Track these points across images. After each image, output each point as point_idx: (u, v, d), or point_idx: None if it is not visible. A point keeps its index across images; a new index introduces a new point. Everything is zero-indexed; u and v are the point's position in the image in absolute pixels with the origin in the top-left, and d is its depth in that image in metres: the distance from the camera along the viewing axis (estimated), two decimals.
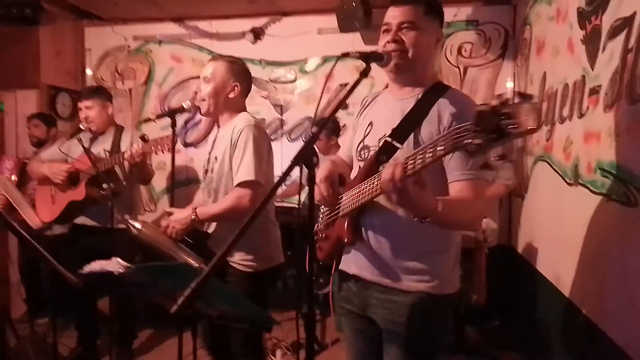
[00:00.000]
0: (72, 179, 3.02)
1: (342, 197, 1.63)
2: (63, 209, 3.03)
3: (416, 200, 1.27)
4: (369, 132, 1.66)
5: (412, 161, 1.23)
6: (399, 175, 1.23)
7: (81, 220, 3.13)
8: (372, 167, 1.53)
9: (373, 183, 1.43)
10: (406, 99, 1.59)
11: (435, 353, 1.62)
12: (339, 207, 1.64)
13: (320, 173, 1.63)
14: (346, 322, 1.77)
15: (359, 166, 1.65)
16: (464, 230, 1.63)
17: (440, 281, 1.55)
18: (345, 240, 1.60)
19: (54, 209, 3.06)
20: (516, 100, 1.02)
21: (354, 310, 1.70)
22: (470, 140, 1.05)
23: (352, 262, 1.66)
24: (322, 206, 1.76)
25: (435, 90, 1.56)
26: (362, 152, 1.66)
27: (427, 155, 1.19)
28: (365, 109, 1.76)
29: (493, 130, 0.99)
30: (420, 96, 1.56)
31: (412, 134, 1.51)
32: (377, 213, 1.57)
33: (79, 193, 2.97)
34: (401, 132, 1.53)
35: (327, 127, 4.04)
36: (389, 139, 1.54)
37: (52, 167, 3.04)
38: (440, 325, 1.62)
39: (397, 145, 1.51)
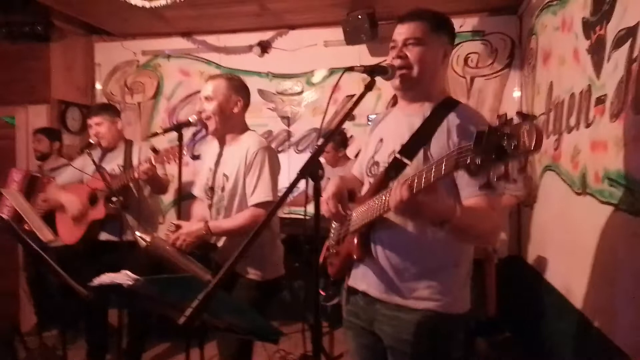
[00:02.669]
0: (91, 199, 3.06)
1: (352, 213, 1.62)
2: (86, 229, 3.06)
3: (430, 207, 1.28)
4: (379, 149, 1.66)
5: (417, 180, 1.23)
6: (407, 195, 1.24)
7: (103, 236, 3.14)
8: (382, 183, 1.54)
9: (382, 199, 1.42)
10: (415, 114, 1.58)
11: None
12: (349, 223, 1.64)
13: (328, 190, 1.64)
14: (352, 336, 1.76)
15: (369, 182, 1.65)
16: (482, 243, 1.60)
17: (450, 300, 1.53)
18: (355, 256, 1.60)
19: (77, 230, 3.09)
20: (516, 119, 1.01)
21: (360, 325, 1.69)
22: (469, 161, 1.05)
23: (361, 278, 1.65)
24: (333, 222, 1.76)
25: (445, 106, 1.55)
26: (372, 168, 1.66)
27: (431, 174, 1.20)
28: (376, 125, 1.77)
29: (492, 150, 1.00)
30: (429, 112, 1.56)
31: (422, 150, 1.50)
32: (386, 229, 1.56)
33: (99, 212, 3.01)
34: (410, 148, 1.53)
35: (335, 139, 4.06)
36: (398, 156, 1.53)
37: (73, 204, 3.06)
38: (447, 345, 1.59)
39: (406, 161, 1.51)
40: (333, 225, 1.78)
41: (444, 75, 1.67)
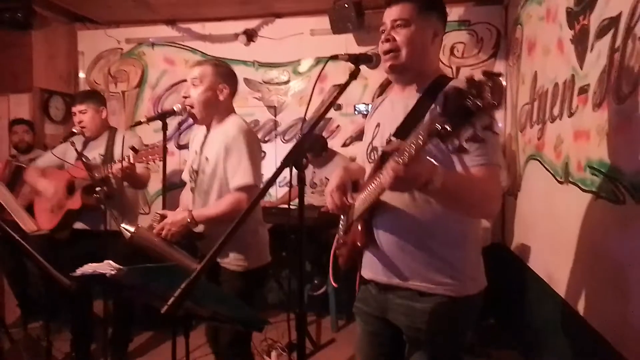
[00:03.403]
0: (69, 187, 3.02)
1: (354, 202, 1.62)
2: (61, 218, 3.04)
3: (419, 174, 1.23)
4: (376, 134, 1.66)
5: (402, 156, 1.19)
6: (402, 172, 1.18)
7: (78, 225, 3.13)
8: (379, 167, 1.49)
9: (377, 181, 1.41)
10: (409, 96, 1.59)
11: (459, 354, 1.62)
12: (352, 212, 1.64)
13: (332, 183, 1.65)
14: (360, 322, 1.77)
15: (369, 168, 1.65)
16: (475, 212, 1.55)
17: (461, 282, 1.53)
18: (359, 243, 1.60)
19: (53, 217, 3.07)
20: (481, 79, 1.02)
21: (370, 312, 1.70)
22: (439, 126, 1.04)
23: (368, 267, 1.66)
24: (341, 214, 1.75)
25: (437, 84, 1.54)
26: (372, 153, 1.67)
27: (412, 148, 1.16)
28: (374, 111, 1.78)
29: (459, 113, 1.00)
30: (422, 93, 1.56)
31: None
32: (387, 214, 1.55)
33: (75, 202, 2.99)
34: (405, 129, 1.52)
35: (313, 147, 4.04)
36: (393, 138, 1.53)
37: (49, 188, 3.06)
38: (461, 328, 1.61)
39: None
40: (342, 218, 1.77)
41: (437, 54, 1.65)
